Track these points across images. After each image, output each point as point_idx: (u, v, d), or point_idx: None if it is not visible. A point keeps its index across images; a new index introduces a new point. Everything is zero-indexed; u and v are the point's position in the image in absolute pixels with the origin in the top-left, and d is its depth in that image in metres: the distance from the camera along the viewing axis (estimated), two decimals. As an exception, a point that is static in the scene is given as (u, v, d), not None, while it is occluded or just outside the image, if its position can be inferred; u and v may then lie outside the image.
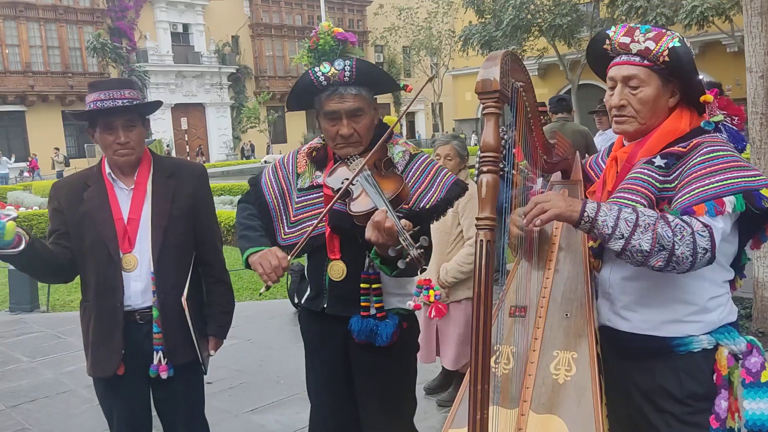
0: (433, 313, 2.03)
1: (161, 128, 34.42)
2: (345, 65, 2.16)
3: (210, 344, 2.64)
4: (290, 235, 2.32)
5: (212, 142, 37.48)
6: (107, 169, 2.51)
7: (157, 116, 34.47)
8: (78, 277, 2.57)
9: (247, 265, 2.21)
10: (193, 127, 36.73)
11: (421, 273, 1.94)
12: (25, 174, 28.71)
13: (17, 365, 5.40)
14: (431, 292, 2.03)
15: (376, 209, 1.98)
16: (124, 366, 2.46)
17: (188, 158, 28.36)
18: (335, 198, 2.14)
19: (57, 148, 29.00)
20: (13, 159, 29.31)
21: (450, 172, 2.33)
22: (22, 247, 2.21)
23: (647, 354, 1.88)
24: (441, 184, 2.25)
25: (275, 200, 2.38)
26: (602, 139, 7.06)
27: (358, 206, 2.08)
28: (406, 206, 2.16)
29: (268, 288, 2.07)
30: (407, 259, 1.86)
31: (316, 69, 2.19)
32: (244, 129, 34.55)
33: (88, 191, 2.48)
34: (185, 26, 36.56)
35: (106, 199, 2.46)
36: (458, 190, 2.26)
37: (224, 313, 2.66)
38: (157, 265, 2.45)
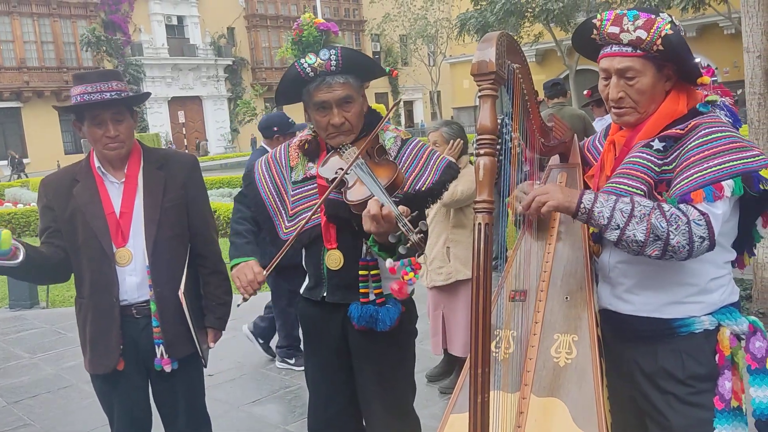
0: (396, 288, 2.11)
1: (158, 122, 34.33)
2: (330, 54, 2.17)
3: (209, 336, 2.62)
4: (291, 229, 2.31)
5: (210, 135, 37.38)
6: (96, 163, 2.46)
7: (155, 110, 34.33)
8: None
9: None
10: (190, 120, 36.60)
11: (419, 257, 1.95)
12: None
13: (18, 361, 5.40)
14: (411, 274, 2.07)
15: (372, 197, 1.98)
16: (123, 361, 2.45)
17: (187, 152, 28.20)
18: (330, 188, 2.14)
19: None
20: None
21: (442, 155, 2.35)
22: (20, 258, 2.18)
23: (649, 336, 1.87)
24: (435, 167, 2.28)
25: (271, 196, 2.38)
26: (601, 125, 6.99)
27: (354, 195, 2.07)
28: (402, 191, 2.16)
29: (245, 300, 2.18)
30: (408, 245, 1.88)
31: (302, 61, 2.19)
32: (242, 121, 34.41)
33: (78, 187, 2.44)
34: (180, 18, 36.43)
35: (97, 193, 2.42)
36: (452, 172, 2.28)
37: (221, 305, 2.62)
38: (152, 259, 2.42)
